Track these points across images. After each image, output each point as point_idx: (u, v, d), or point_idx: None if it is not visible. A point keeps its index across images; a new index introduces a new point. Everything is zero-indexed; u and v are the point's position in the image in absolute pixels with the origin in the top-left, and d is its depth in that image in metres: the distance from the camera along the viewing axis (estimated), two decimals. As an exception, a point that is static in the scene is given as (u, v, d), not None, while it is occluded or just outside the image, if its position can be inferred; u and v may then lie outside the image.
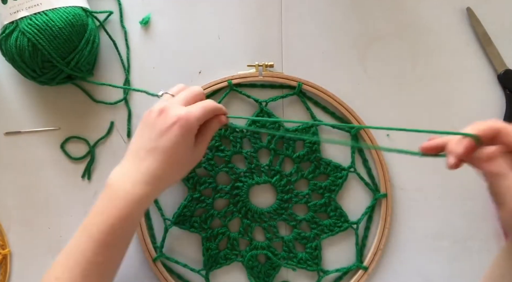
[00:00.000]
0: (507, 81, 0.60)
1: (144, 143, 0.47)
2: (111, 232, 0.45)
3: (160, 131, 0.46)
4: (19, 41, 0.52)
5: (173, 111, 0.47)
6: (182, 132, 0.46)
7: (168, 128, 0.46)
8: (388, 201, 0.59)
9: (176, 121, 0.46)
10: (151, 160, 0.46)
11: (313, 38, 0.61)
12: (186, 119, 0.46)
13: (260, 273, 0.58)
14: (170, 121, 0.46)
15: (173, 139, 0.46)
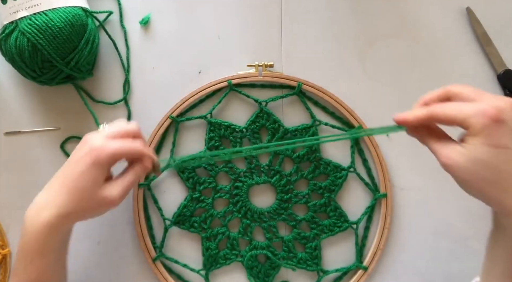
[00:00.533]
0: (507, 81, 0.60)
1: (59, 170, 0.47)
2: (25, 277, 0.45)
3: (73, 160, 0.46)
4: (18, 41, 0.52)
5: (90, 142, 0.46)
6: (90, 163, 0.45)
7: (80, 157, 0.46)
8: (388, 201, 0.59)
9: (88, 152, 0.45)
10: (56, 187, 0.46)
11: (313, 38, 0.61)
12: (98, 151, 0.45)
13: (259, 273, 0.58)
14: (83, 151, 0.46)
15: (80, 168, 0.45)
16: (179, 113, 0.59)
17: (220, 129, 0.59)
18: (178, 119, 0.59)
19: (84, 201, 0.45)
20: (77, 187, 0.45)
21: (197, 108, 0.60)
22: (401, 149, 0.60)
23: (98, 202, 0.46)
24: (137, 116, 0.61)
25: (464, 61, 0.61)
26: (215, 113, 0.60)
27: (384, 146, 0.60)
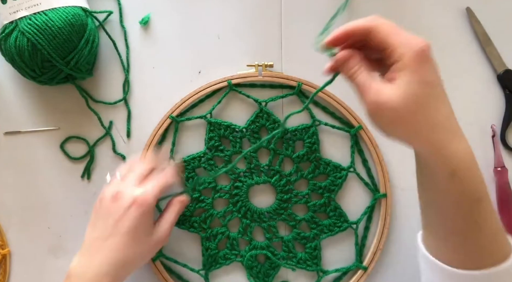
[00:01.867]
0: (507, 81, 0.60)
1: (100, 232, 0.48)
2: None
3: (118, 217, 0.47)
4: (18, 41, 0.52)
5: (128, 193, 0.47)
6: (140, 213, 0.46)
7: (125, 211, 0.47)
8: (387, 201, 0.59)
9: (132, 203, 0.47)
10: (110, 248, 0.46)
11: (313, 38, 0.61)
12: (143, 200, 0.47)
13: (259, 273, 0.58)
14: (126, 204, 0.47)
15: (131, 221, 0.46)
16: (179, 113, 0.59)
17: (220, 129, 0.59)
18: (178, 119, 0.59)
19: (147, 252, 0.49)
20: (136, 240, 0.47)
21: (197, 108, 0.60)
22: (401, 149, 0.59)
23: (154, 245, 0.50)
24: (137, 116, 0.61)
25: (464, 61, 0.61)
26: (215, 113, 0.60)
27: (384, 146, 0.60)
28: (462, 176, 0.38)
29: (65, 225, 0.60)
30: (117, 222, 0.47)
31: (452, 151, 0.37)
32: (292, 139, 0.59)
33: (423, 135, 0.37)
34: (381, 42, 0.37)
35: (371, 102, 0.37)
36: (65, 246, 0.60)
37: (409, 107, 0.36)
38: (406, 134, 0.38)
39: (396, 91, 0.36)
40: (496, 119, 0.60)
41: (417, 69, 0.36)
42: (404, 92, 0.36)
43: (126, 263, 0.47)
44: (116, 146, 0.60)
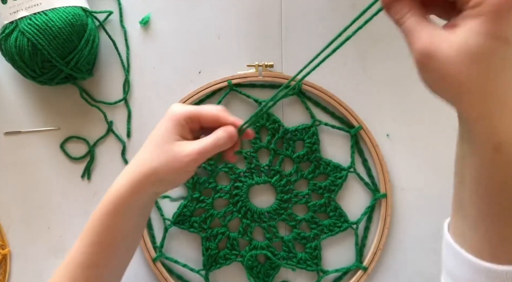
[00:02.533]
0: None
1: None
2: (95, 232, 0.44)
3: None
4: (18, 41, 0.52)
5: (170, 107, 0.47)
6: (167, 118, 0.45)
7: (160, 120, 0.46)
8: (387, 201, 0.59)
9: (167, 112, 0.46)
10: (135, 158, 0.46)
11: (313, 38, 0.61)
12: (174, 108, 0.46)
13: (259, 273, 0.58)
14: None
15: (158, 126, 0.46)
16: (179, 113, 0.59)
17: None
18: (178, 119, 0.59)
19: (158, 155, 0.44)
20: (153, 142, 0.45)
21: (197, 108, 0.60)
22: (401, 149, 0.60)
23: (173, 157, 0.43)
24: (137, 116, 0.61)
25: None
26: (215, 113, 0.60)
27: (384, 146, 0.60)
28: (508, 154, 0.32)
29: (65, 225, 0.60)
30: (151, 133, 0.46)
31: (501, 123, 0.32)
32: (292, 140, 0.59)
33: (473, 100, 0.32)
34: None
35: (421, 50, 0.32)
36: (65, 246, 0.60)
37: (464, 61, 0.30)
38: (454, 94, 0.33)
39: (455, 40, 0.31)
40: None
41: (492, 19, 0.30)
42: (465, 43, 0.30)
43: (148, 171, 0.43)
44: (117, 146, 0.60)
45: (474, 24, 0.30)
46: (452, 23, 0.32)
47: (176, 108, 0.45)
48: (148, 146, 0.45)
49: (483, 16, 0.30)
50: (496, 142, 0.32)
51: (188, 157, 0.43)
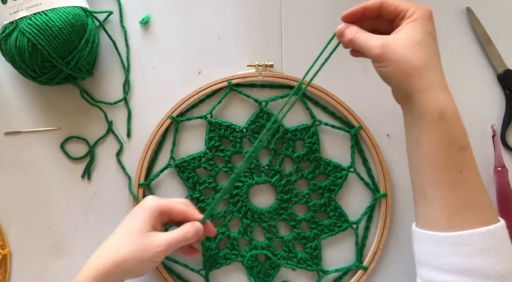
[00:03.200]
0: (507, 81, 0.60)
1: None
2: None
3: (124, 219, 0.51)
4: (19, 41, 0.52)
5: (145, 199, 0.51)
6: (140, 209, 0.49)
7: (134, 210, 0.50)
8: (388, 201, 0.59)
9: (140, 204, 0.50)
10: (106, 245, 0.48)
11: (313, 38, 0.61)
12: (149, 201, 0.50)
13: (259, 273, 0.58)
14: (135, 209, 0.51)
15: (131, 215, 0.50)
16: (179, 113, 0.59)
17: (220, 129, 0.59)
18: (178, 119, 0.59)
19: (130, 244, 0.47)
20: (125, 230, 0.48)
21: (197, 108, 0.60)
22: (401, 149, 0.60)
23: (144, 247, 0.46)
24: (137, 116, 0.61)
25: (464, 61, 0.61)
26: (215, 113, 0.60)
27: (384, 146, 0.60)
28: (450, 119, 0.42)
29: (65, 225, 0.60)
30: (123, 221, 0.50)
31: (444, 93, 0.42)
32: (292, 140, 0.59)
33: (423, 72, 0.42)
34: (395, 8, 0.44)
35: (379, 44, 0.43)
36: (66, 246, 0.60)
37: (412, 47, 0.42)
38: (407, 74, 0.42)
39: (402, 36, 0.43)
40: (496, 119, 0.60)
41: (424, 21, 0.43)
42: (407, 37, 0.42)
43: (116, 261, 0.46)
44: (117, 146, 0.60)
45: (413, 25, 0.43)
46: (395, 32, 0.44)
47: (150, 201, 0.50)
48: (118, 234, 0.48)
49: (417, 20, 0.43)
50: (441, 110, 0.41)
51: (158, 248, 0.47)
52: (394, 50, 0.42)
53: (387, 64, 0.43)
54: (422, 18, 0.43)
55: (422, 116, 0.43)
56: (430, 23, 0.44)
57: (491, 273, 0.39)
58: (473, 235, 0.40)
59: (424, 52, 0.42)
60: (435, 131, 0.42)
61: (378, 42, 0.43)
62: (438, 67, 0.43)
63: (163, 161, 0.60)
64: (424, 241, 0.44)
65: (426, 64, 0.42)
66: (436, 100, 0.42)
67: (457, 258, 0.40)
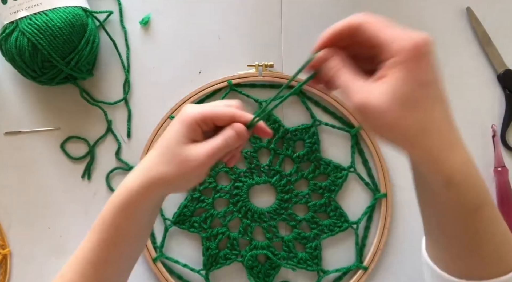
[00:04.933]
0: (507, 81, 0.60)
1: None
2: (105, 229, 0.43)
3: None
4: (19, 41, 0.52)
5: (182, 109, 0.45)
6: (177, 121, 0.43)
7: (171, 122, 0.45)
8: (388, 201, 0.59)
9: (178, 115, 0.44)
10: (144, 161, 0.45)
11: (313, 38, 0.61)
12: (186, 111, 0.43)
13: (260, 273, 0.58)
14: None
15: (168, 129, 0.44)
16: (179, 113, 0.59)
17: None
18: (178, 119, 0.59)
19: (167, 160, 0.42)
20: (162, 145, 0.43)
21: (197, 108, 0.60)
22: (401, 148, 0.60)
23: (183, 160, 0.41)
24: (137, 116, 0.61)
25: (464, 61, 0.61)
26: (215, 113, 0.60)
27: (384, 145, 0.60)
28: (459, 185, 0.35)
29: (65, 225, 0.60)
30: (160, 137, 0.45)
31: (448, 159, 0.34)
32: (292, 140, 0.59)
33: (416, 141, 0.33)
34: (370, 39, 0.34)
35: (357, 105, 0.33)
36: (66, 246, 0.60)
37: (398, 109, 0.32)
38: (398, 139, 0.34)
39: (385, 91, 0.32)
40: (496, 119, 0.60)
41: (411, 66, 0.32)
42: (393, 93, 0.32)
43: (157, 176, 0.42)
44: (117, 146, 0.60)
45: (400, 73, 0.32)
46: (380, 75, 0.33)
47: (189, 111, 0.43)
48: (158, 148, 0.44)
49: (403, 64, 0.32)
50: (446, 178, 0.34)
51: (196, 161, 0.41)
52: (376, 115, 0.33)
53: (372, 128, 0.35)
54: (408, 61, 0.32)
55: (424, 182, 0.37)
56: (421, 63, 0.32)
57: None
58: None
59: (419, 113, 0.33)
60: (441, 199, 0.36)
61: (358, 100, 0.33)
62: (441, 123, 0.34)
63: (163, 161, 0.60)
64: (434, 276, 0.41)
65: (423, 129, 0.33)
66: (439, 169, 0.34)
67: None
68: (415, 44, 0.32)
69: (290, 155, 0.59)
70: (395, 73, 0.32)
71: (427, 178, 0.36)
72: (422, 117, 0.33)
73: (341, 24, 0.36)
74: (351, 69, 0.36)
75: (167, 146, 0.43)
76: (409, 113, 0.32)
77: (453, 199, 0.35)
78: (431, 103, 0.33)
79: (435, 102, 0.33)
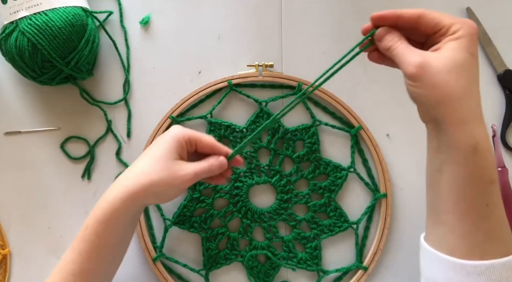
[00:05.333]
0: (507, 81, 0.60)
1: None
2: (87, 239, 0.45)
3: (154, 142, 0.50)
4: (19, 41, 0.52)
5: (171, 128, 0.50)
6: (168, 137, 0.48)
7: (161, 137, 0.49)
8: (388, 201, 0.59)
9: (167, 132, 0.49)
10: (138, 161, 0.48)
11: (313, 38, 0.61)
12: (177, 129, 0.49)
13: (260, 273, 0.58)
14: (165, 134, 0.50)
15: (158, 142, 0.48)
16: (179, 113, 0.59)
17: (220, 129, 0.59)
18: (178, 119, 0.59)
19: (159, 169, 0.46)
20: (154, 156, 0.47)
21: (197, 108, 0.60)
22: (401, 149, 0.60)
23: (172, 174, 0.46)
24: (137, 116, 0.61)
25: (464, 61, 0.61)
26: (215, 113, 0.60)
27: (384, 146, 0.60)
28: (485, 152, 0.39)
29: (65, 225, 0.60)
30: (149, 147, 0.49)
31: (477, 127, 0.39)
32: (292, 140, 0.59)
33: (457, 103, 0.38)
34: (434, 22, 0.40)
35: (417, 63, 0.39)
36: (66, 246, 0.59)
37: (453, 71, 0.38)
38: (442, 100, 0.39)
39: (442, 56, 0.39)
40: (497, 119, 0.60)
41: (468, 40, 0.39)
42: (450, 57, 0.38)
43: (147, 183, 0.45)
44: (117, 146, 0.60)
45: (457, 44, 0.39)
46: (435, 48, 0.40)
47: (178, 130, 0.49)
48: (147, 159, 0.47)
49: (462, 38, 0.39)
50: (475, 143, 0.38)
51: (186, 176, 0.46)
52: (432, 73, 0.38)
53: (421, 86, 0.39)
54: (468, 37, 0.39)
55: (452, 147, 0.40)
56: (475, 42, 0.40)
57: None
58: (492, 265, 0.39)
59: (465, 79, 0.38)
60: (465, 164, 0.39)
61: (417, 59, 0.39)
62: (476, 95, 0.39)
63: (163, 161, 0.60)
64: (437, 262, 0.42)
65: (465, 93, 0.38)
66: (470, 134, 0.39)
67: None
68: (472, 25, 0.40)
69: (290, 155, 0.59)
70: (453, 44, 0.39)
71: (455, 142, 0.39)
72: (467, 84, 0.38)
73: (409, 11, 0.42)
74: (406, 42, 0.42)
75: (159, 157, 0.47)
76: (459, 76, 0.38)
77: (477, 164, 0.39)
78: (475, 74, 0.39)
79: (476, 76, 0.39)
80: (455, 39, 0.39)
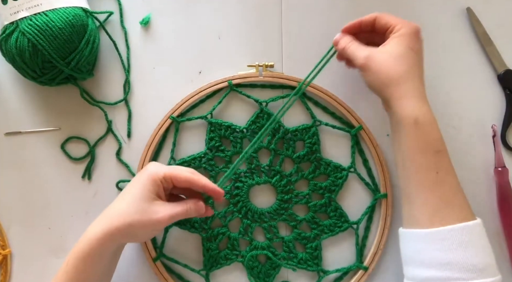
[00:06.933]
0: (507, 81, 0.60)
1: None
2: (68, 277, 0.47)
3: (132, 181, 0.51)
4: (19, 41, 0.52)
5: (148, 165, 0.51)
6: (145, 177, 0.49)
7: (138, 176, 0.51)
8: (388, 201, 0.59)
9: (145, 170, 0.50)
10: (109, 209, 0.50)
11: (314, 38, 0.61)
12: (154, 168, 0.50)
13: (260, 273, 0.58)
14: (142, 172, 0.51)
15: (135, 182, 0.50)
16: (180, 113, 0.59)
17: (221, 129, 0.59)
18: (178, 119, 0.59)
19: (134, 212, 0.48)
20: (130, 197, 0.49)
21: (197, 108, 0.60)
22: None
23: (147, 216, 0.48)
24: (138, 116, 0.61)
25: (464, 61, 0.61)
26: (216, 114, 0.60)
27: (385, 146, 0.60)
28: (424, 124, 0.46)
29: (66, 225, 0.60)
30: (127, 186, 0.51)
31: (417, 104, 0.47)
32: (292, 140, 0.59)
33: (398, 84, 0.47)
34: (385, 23, 0.51)
35: (364, 57, 0.50)
36: (66, 246, 0.60)
37: (392, 61, 0.48)
38: (387, 83, 0.48)
39: (385, 49, 0.49)
40: (497, 119, 0.60)
41: (408, 38, 0.49)
42: (391, 50, 0.49)
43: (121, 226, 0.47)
44: (117, 146, 0.60)
45: (398, 40, 0.49)
46: (384, 44, 0.50)
47: (154, 168, 0.50)
48: (125, 199, 0.49)
49: (403, 35, 0.49)
50: (415, 116, 0.47)
51: (161, 219, 0.48)
52: (376, 62, 0.49)
53: (370, 74, 0.49)
54: (407, 34, 0.49)
55: (400, 122, 0.48)
56: (415, 39, 0.49)
57: (470, 267, 0.43)
58: (452, 230, 0.44)
59: (403, 65, 0.48)
60: (412, 136, 0.47)
61: (364, 53, 0.50)
62: (416, 78, 0.48)
63: (163, 161, 0.60)
64: (409, 239, 0.48)
65: (403, 75, 0.48)
66: (411, 108, 0.47)
67: (438, 252, 0.44)
68: (413, 25, 0.50)
69: (290, 155, 0.59)
70: (396, 40, 0.49)
71: (399, 117, 0.47)
72: (405, 69, 0.48)
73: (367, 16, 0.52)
74: (358, 43, 0.52)
75: (135, 199, 0.48)
76: (398, 63, 0.48)
77: (419, 135, 0.46)
78: (413, 63, 0.49)
79: (415, 64, 0.49)
80: (398, 36, 0.49)
